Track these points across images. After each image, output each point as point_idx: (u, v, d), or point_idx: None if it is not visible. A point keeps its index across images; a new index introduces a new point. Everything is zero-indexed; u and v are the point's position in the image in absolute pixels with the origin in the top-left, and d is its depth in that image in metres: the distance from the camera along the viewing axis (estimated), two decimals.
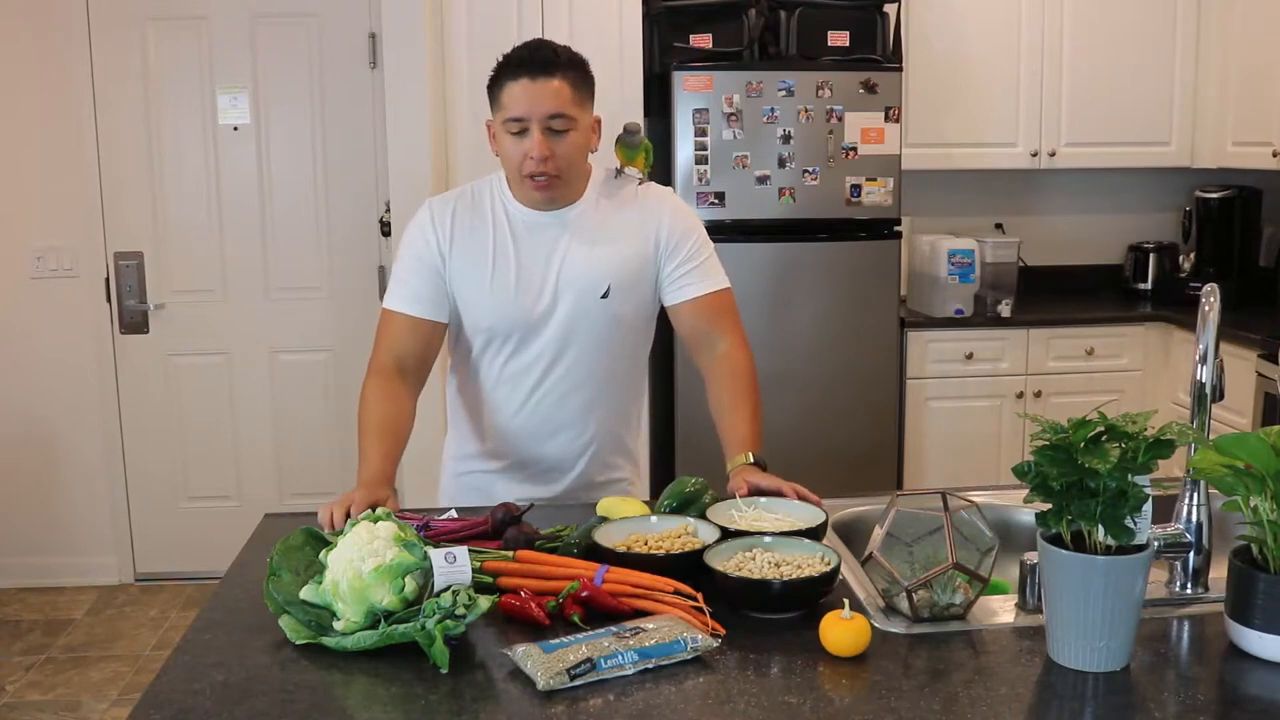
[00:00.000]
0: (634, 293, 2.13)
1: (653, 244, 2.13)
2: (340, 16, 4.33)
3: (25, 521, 4.45)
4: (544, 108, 1.97)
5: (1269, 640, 1.38)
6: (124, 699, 3.54)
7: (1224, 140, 4.33)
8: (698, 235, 2.17)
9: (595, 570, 1.57)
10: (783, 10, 4.04)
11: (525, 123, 1.98)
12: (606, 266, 2.10)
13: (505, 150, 2.03)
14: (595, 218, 2.12)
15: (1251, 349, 3.74)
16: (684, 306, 2.15)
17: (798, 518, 1.78)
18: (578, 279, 2.09)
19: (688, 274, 2.14)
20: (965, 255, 4.23)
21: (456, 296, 2.11)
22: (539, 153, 1.98)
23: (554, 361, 2.12)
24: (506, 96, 1.99)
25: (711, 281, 2.16)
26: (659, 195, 2.20)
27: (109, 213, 4.36)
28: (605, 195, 2.14)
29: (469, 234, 2.10)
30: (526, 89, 1.96)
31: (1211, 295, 1.64)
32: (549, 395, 2.13)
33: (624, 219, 2.13)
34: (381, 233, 4.40)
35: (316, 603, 1.50)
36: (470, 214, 2.12)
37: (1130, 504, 1.36)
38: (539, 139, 1.98)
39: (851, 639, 1.41)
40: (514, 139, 2.00)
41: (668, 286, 2.15)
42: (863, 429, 4.14)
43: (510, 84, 1.98)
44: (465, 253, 2.09)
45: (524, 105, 1.97)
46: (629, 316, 2.14)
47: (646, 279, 2.14)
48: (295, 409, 4.52)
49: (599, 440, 2.18)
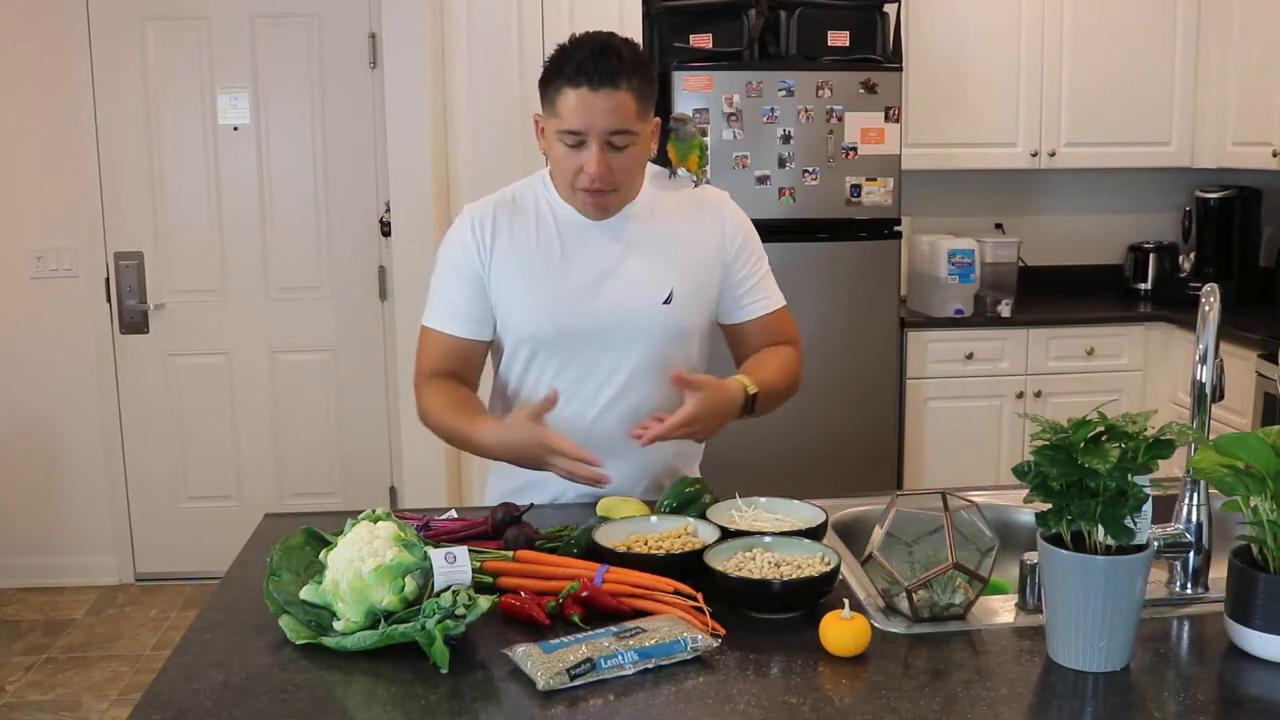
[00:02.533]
0: (696, 301, 1.98)
1: (717, 251, 2.00)
2: (340, 16, 4.33)
3: (25, 521, 4.45)
4: (605, 123, 1.81)
5: (1269, 640, 1.38)
6: (124, 699, 3.54)
7: (1224, 140, 4.33)
8: (758, 246, 2.06)
9: (595, 570, 1.57)
10: (783, 10, 4.04)
11: (583, 136, 1.82)
12: (668, 271, 1.95)
13: (557, 158, 1.88)
14: (651, 219, 1.97)
15: (1251, 349, 3.74)
16: (749, 325, 2.05)
17: (798, 518, 1.78)
18: (637, 283, 1.93)
19: (752, 289, 2.03)
20: (965, 255, 4.24)
21: (498, 306, 1.95)
22: (597, 170, 1.83)
23: (609, 377, 1.95)
24: (564, 105, 1.81)
25: (775, 298, 2.06)
26: (718, 198, 2.08)
27: (109, 213, 4.36)
28: (660, 195, 2.00)
29: (511, 239, 1.95)
30: (586, 101, 1.79)
31: (1211, 295, 1.63)
32: (603, 417, 1.95)
33: (684, 221, 2.00)
34: (381, 233, 4.40)
35: (316, 603, 1.49)
36: (512, 218, 1.96)
37: (1130, 504, 1.36)
38: (598, 155, 1.82)
39: (851, 639, 1.41)
40: (569, 150, 1.85)
41: (729, 302, 2.03)
42: (863, 429, 4.14)
43: (568, 91, 1.80)
44: (508, 259, 1.94)
45: (583, 118, 1.80)
46: (690, 327, 1.99)
47: (710, 287, 2.01)
48: (295, 409, 4.52)
49: (657, 468, 2.00)
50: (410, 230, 3.90)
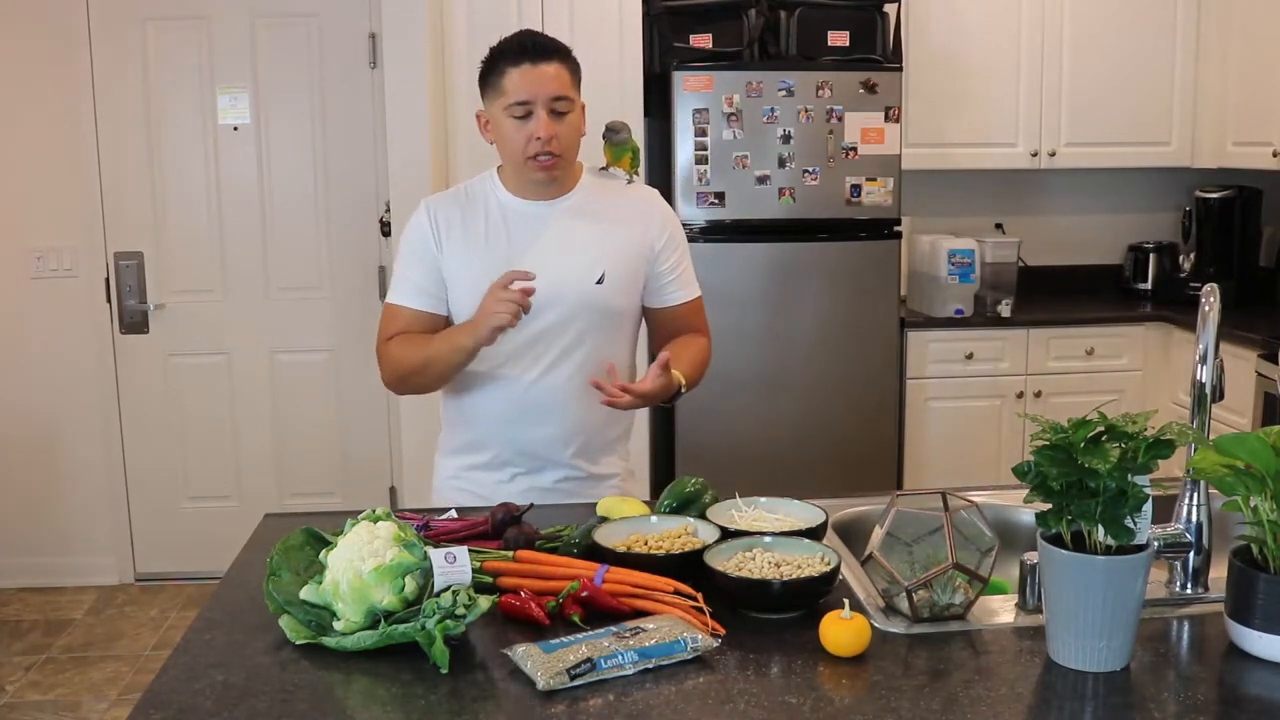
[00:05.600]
0: (626, 284, 2.18)
1: (647, 241, 2.21)
2: (340, 16, 4.33)
3: (25, 521, 4.45)
4: (548, 90, 2.04)
5: (1269, 640, 1.38)
6: (124, 699, 3.54)
7: (1224, 140, 4.33)
8: (684, 242, 2.28)
9: (595, 570, 1.57)
10: (783, 10, 4.04)
11: (530, 105, 2.04)
12: (600, 254, 2.15)
13: (506, 136, 2.08)
14: (587, 208, 2.18)
15: (1251, 349, 3.74)
16: (667, 311, 2.26)
17: (798, 518, 1.78)
18: (572, 264, 2.13)
19: (674, 280, 2.24)
20: (965, 255, 4.24)
21: (451, 287, 2.16)
22: (546, 133, 2.04)
23: (544, 349, 2.14)
24: (508, 83, 2.04)
25: (693, 288, 2.29)
26: (649, 194, 2.30)
27: (109, 213, 4.36)
28: (596, 188, 2.21)
29: (462, 225, 2.16)
30: (528, 74, 2.03)
31: (1211, 295, 1.63)
32: (538, 384, 2.15)
33: (616, 210, 2.20)
34: (381, 233, 4.40)
35: (316, 603, 1.50)
36: (464, 207, 2.18)
37: (1130, 504, 1.36)
38: (545, 119, 2.04)
39: (851, 639, 1.41)
40: (517, 123, 2.06)
41: (654, 289, 2.24)
42: (863, 429, 4.14)
43: (511, 70, 2.04)
44: (459, 243, 2.15)
45: (528, 89, 2.03)
46: (620, 307, 2.19)
47: (639, 273, 2.21)
48: (295, 409, 4.52)
49: (586, 433, 2.20)
50: None
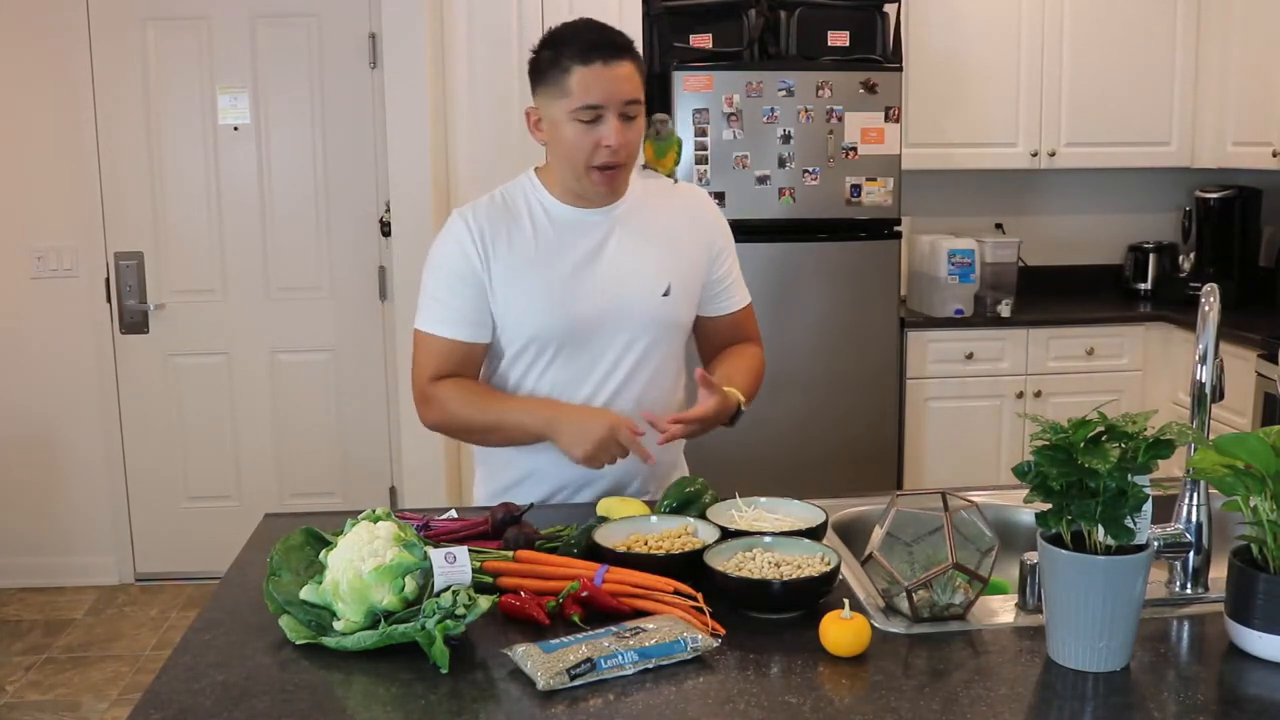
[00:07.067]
0: (691, 294, 2.04)
1: (705, 248, 2.06)
2: (340, 16, 4.33)
3: (25, 521, 4.45)
4: (621, 93, 1.85)
5: (1269, 640, 1.38)
6: (124, 699, 3.54)
7: (1224, 140, 4.33)
8: (733, 244, 2.13)
9: (595, 570, 1.57)
10: (783, 10, 4.04)
11: (601, 110, 1.84)
12: (664, 264, 1.99)
13: (568, 141, 1.88)
14: (643, 215, 2.00)
15: (1251, 349, 3.74)
16: (722, 320, 2.12)
17: (798, 518, 1.78)
18: (636, 277, 1.96)
19: (730, 286, 2.11)
20: (965, 255, 4.24)
21: (503, 309, 1.95)
22: (617, 140, 1.85)
23: (612, 370, 1.98)
24: (576, 83, 1.83)
25: (745, 292, 2.14)
26: (698, 195, 2.15)
27: (109, 213, 4.36)
28: (645, 191, 2.04)
29: (509, 240, 1.95)
30: (601, 75, 1.83)
31: (1211, 295, 1.63)
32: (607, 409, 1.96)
33: (671, 216, 2.04)
34: (381, 233, 4.40)
35: (316, 603, 1.49)
36: (506, 219, 1.96)
37: (1130, 504, 1.36)
38: (617, 126, 1.85)
39: (851, 639, 1.41)
40: (584, 128, 1.86)
41: (708, 296, 2.09)
42: (863, 429, 4.14)
43: (580, 69, 1.83)
44: (505, 257, 1.94)
45: (601, 92, 1.83)
46: (685, 320, 2.05)
47: (698, 282, 2.06)
48: (295, 409, 4.52)
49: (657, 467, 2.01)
50: (410, 230, 3.90)
